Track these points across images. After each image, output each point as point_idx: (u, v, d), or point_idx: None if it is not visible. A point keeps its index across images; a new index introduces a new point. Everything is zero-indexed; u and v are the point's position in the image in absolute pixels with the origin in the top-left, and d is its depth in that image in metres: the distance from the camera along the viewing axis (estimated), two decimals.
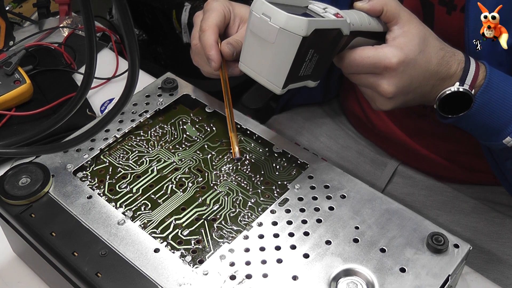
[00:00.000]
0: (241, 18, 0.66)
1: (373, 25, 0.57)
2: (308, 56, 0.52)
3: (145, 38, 1.49)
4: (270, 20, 0.50)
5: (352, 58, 0.56)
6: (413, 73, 0.56)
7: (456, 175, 0.81)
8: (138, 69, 0.42)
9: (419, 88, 0.57)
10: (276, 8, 0.50)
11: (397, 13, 0.56)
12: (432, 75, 0.57)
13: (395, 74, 0.55)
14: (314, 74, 0.56)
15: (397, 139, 0.81)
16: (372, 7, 0.56)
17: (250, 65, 0.54)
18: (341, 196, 0.56)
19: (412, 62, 0.55)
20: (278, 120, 0.95)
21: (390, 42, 0.56)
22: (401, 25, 0.56)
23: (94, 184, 0.59)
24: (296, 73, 0.53)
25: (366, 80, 0.57)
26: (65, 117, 0.48)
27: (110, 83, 0.91)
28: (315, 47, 0.52)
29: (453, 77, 0.58)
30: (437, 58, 0.57)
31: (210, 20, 0.63)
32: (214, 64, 0.61)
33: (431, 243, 0.50)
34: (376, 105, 0.60)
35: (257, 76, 0.54)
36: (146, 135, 0.65)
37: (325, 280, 0.49)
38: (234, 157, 0.60)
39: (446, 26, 0.66)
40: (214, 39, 0.62)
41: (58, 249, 0.52)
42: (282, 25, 0.49)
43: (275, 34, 0.50)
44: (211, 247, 0.53)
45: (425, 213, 0.79)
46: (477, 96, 0.58)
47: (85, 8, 0.39)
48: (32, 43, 0.94)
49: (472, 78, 0.58)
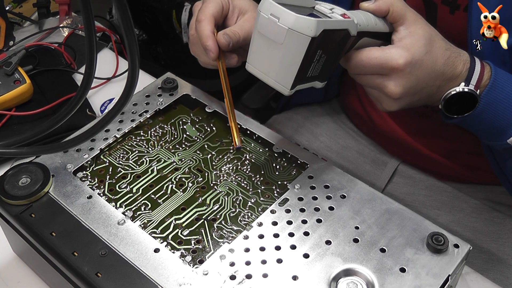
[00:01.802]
0: (240, 9, 0.66)
1: (379, 26, 0.57)
2: (316, 56, 0.52)
3: (145, 38, 1.49)
4: (279, 21, 0.50)
5: (359, 59, 0.56)
6: (419, 74, 0.56)
7: (456, 174, 0.81)
8: (138, 69, 0.42)
9: (425, 89, 0.57)
10: (285, 8, 0.49)
11: (403, 13, 0.56)
12: (438, 76, 0.57)
13: (402, 75, 0.55)
14: (322, 75, 0.56)
15: (398, 137, 0.81)
16: (378, 8, 0.56)
17: (258, 66, 0.54)
18: (341, 196, 0.56)
19: (418, 63, 0.55)
20: (278, 120, 0.95)
21: (397, 43, 0.56)
22: (407, 25, 0.56)
23: (94, 184, 0.59)
24: (304, 74, 0.53)
25: (373, 81, 0.57)
26: (65, 117, 0.48)
27: (110, 83, 0.91)
28: (323, 48, 0.52)
29: (458, 77, 0.58)
30: (443, 59, 0.57)
31: (207, 10, 0.63)
32: (212, 55, 0.61)
33: (431, 243, 0.50)
34: (382, 106, 0.60)
35: (265, 77, 0.54)
36: (146, 135, 0.65)
37: (325, 280, 0.49)
38: (235, 146, 0.60)
39: (449, 26, 0.66)
40: (210, 29, 0.62)
41: (58, 249, 0.52)
42: (291, 25, 0.49)
43: (284, 35, 0.50)
44: (211, 247, 0.53)
45: (425, 213, 0.79)
46: (482, 96, 0.58)
47: (85, 8, 0.39)
48: (32, 43, 0.94)
49: (477, 78, 0.58)
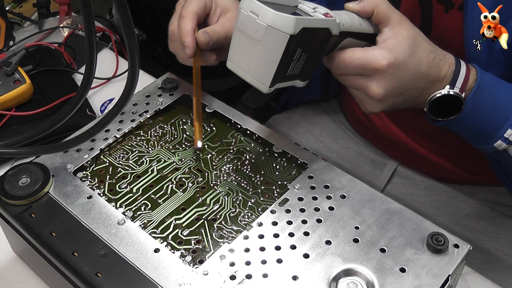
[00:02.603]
0: (223, 8, 0.66)
1: (364, 27, 0.57)
2: (296, 55, 0.52)
3: (145, 38, 1.49)
4: (258, 18, 0.50)
5: (342, 59, 0.55)
6: (402, 75, 0.55)
7: (456, 176, 0.81)
8: (138, 69, 0.42)
9: (409, 91, 0.57)
10: (264, 6, 0.49)
11: (388, 15, 0.56)
12: (422, 78, 0.57)
13: (384, 76, 0.55)
14: (303, 74, 0.55)
15: (397, 139, 0.81)
16: (362, 8, 0.56)
17: (238, 63, 0.54)
18: (341, 196, 0.56)
19: (402, 64, 0.55)
20: (278, 120, 0.95)
21: (380, 44, 0.56)
22: (391, 27, 0.56)
23: (94, 184, 0.59)
24: (284, 72, 0.53)
25: (355, 81, 0.57)
26: (65, 117, 0.48)
27: (110, 83, 0.91)
28: (303, 46, 0.52)
29: (443, 80, 0.57)
30: (427, 61, 0.56)
31: (190, 8, 0.63)
32: (188, 51, 0.61)
33: (431, 243, 0.50)
34: (365, 108, 0.59)
35: (244, 74, 0.53)
36: (146, 135, 0.65)
37: (325, 280, 0.49)
38: (195, 146, 0.61)
39: (444, 25, 0.66)
40: (191, 27, 0.62)
41: (58, 249, 0.52)
42: (270, 22, 0.49)
43: (263, 32, 0.50)
44: (211, 247, 0.53)
45: (424, 213, 0.79)
46: (467, 99, 0.58)
47: (85, 8, 0.39)
48: (32, 43, 0.94)
49: (462, 81, 0.57)
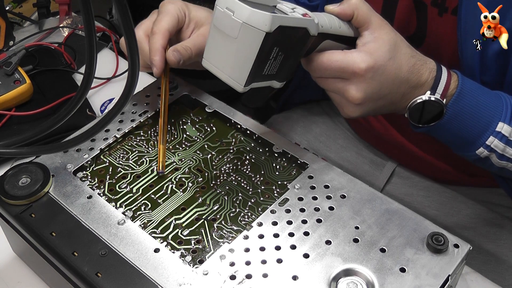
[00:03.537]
0: (197, 22, 0.65)
1: (344, 29, 0.56)
2: (272, 54, 0.51)
3: None
4: (233, 15, 0.49)
5: (320, 61, 0.55)
6: (382, 79, 0.55)
7: (455, 178, 0.81)
8: (138, 69, 0.42)
9: (388, 96, 0.57)
10: (240, 2, 0.48)
11: (368, 18, 0.55)
12: (402, 83, 0.56)
13: (363, 79, 0.54)
14: (280, 74, 0.54)
15: (396, 141, 0.81)
16: (342, 11, 0.55)
17: (213, 61, 0.53)
18: (341, 196, 0.56)
19: (381, 68, 0.54)
20: (278, 120, 0.95)
21: (360, 47, 0.55)
22: (372, 30, 0.55)
23: (94, 184, 0.59)
24: (260, 71, 0.52)
25: (334, 85, 0.56)
26: (65, 117, 0.48)
27: (110, 83, 0.91)
28: (280, 45, 0.51)
29: (424, 85, 0.57)
30: (407, 66, 0.56)
31: (161, 24, 0.62)
32: (156, 71, 0.61)
33: (431, 243, 0.50)
34: (344, 112, 0.58)
35: (220, 72, 0.52)
36: (146, 135, 0.65)
37: (325, 280, 0.49)
38: (158, 171, 0.59)
39: (438, 28, 0.66)
40: (162, 44, 0.61)
41: (58, 249, 0.52)
42: (245, 19, 0.48)
43: (238, 28, 0.49)
44: (211, 247, 0.53)
45: (423, 213, 0.79)
46: (449, 106, 0.57)
47: (85, 8, 0.39)
48: (32, 43, 0.94)
49: (443, 87, 0.57)
